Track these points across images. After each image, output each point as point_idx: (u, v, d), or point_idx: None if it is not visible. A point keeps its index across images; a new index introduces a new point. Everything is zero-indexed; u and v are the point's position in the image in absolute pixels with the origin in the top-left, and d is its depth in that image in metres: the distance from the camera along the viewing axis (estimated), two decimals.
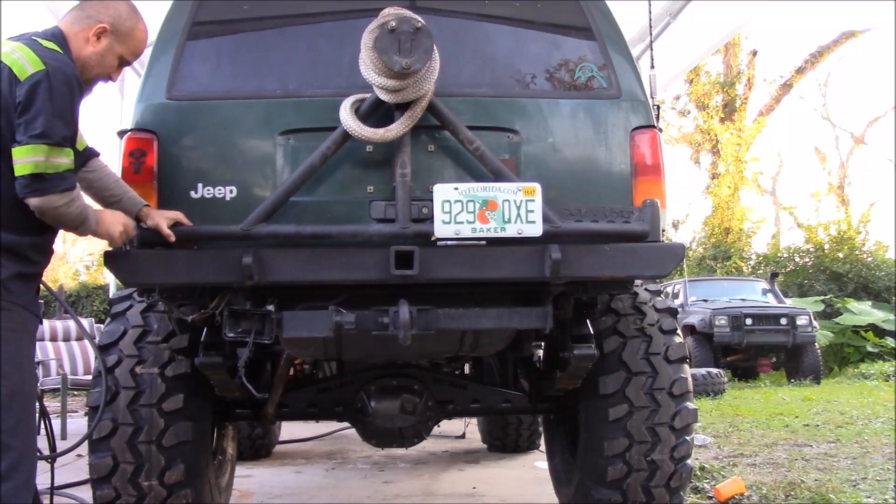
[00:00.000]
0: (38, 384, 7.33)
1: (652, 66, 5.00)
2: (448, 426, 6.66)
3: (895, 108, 28.19)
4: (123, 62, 2.65)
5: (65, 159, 2.41)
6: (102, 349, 3.24)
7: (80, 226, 2.52)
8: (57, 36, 2.53)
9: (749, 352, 12.96)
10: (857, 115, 47.30)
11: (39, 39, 2.48)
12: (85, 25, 2.57)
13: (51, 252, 2.59)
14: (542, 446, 5.20)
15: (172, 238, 2.72)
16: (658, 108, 3.74)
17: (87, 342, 8.45)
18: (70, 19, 2.59)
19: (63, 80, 2.40)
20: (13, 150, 2.36)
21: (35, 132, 2.34)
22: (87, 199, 2.87)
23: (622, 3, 4.11)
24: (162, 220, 2.73)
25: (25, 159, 2.35)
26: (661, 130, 3.17)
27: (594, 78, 3.09)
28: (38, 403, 2.65)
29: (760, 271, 18.71)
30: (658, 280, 3.70)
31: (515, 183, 2.75)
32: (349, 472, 5.66)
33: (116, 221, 2.63)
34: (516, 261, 2.77)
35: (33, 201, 2.39)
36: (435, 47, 2.70)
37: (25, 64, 2.37)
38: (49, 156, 2.36)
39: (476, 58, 3.11)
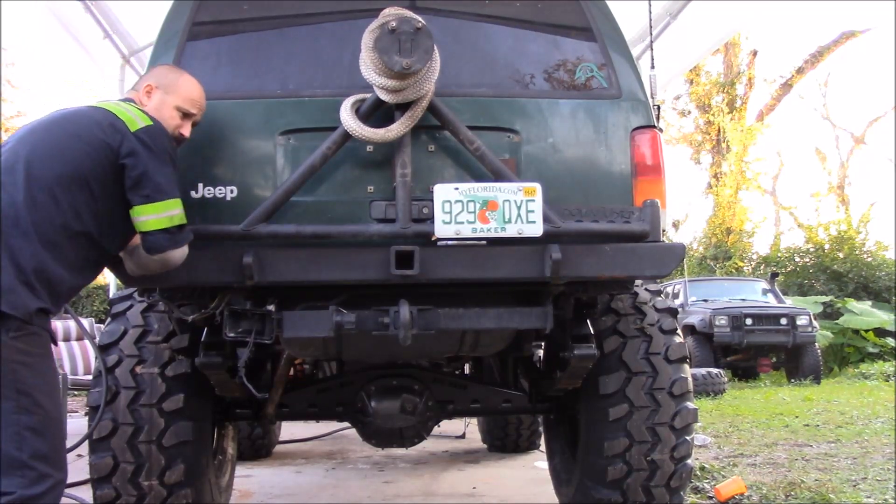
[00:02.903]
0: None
1: (652, 66, 4.99)
2: (448, 426, 6.66)
3: (895, 108, 28.16)
4: (185, 114, 2.72)
5: (182, 210, 2.58)
6: (102, 349, 3.24)
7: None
8: (131, 102, 2.71)
9: (749, 352, 12.96)
10: (857, 115, 47.26)
11: (131, 105, 2.66)
12: (138, 89, 2.76)
13: (69, 300, 2.65)
14: (542, 446, 5.20)
15: None
16: (658, 108, 3.73)
17: (87, 342, 8.45)
18: (131, 90, 2.81)
19: (168, 137, 2.61)
20: (146, 205, 2.48)
21: (167, 187, 2.51)
22: None
23: (622, 3, 4.10)
24: None
25: (166, 213, 2.50)
26: (661, 130, 3.17)
27: (594, 78, 3.09)
28: None
29: (760, 271, 18.72)
30: (658, 280, 3.70)
31: (516, 183, 2.75)
32: (349, 472, 5.66)
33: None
34: (516, 261, 2.77)
35: (175, 253, 2.56)
36: (435, 47, 2.70)
37: (134, 117, 2.54)
38: (182, 208, 2.56)
39: (476, 58, 3.10)
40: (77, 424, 7.59)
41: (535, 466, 5.68)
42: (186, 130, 2.75)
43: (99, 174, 2.47)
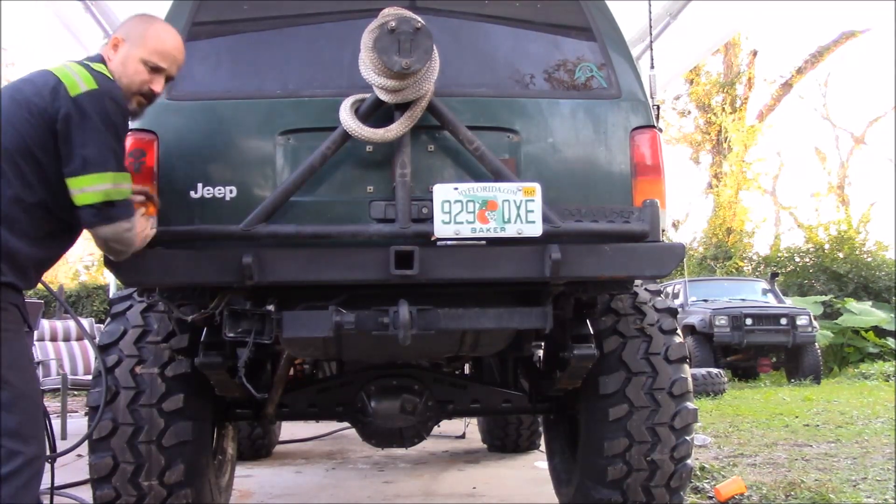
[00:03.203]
0: (39, 384, 7.37)
1: (652, 66, 4.99)
2: (448, 426, 6.66)
3: (895, 108, 28.17)
4: (154, 68, 2.57)
5: (127, 185, 2.45)
6: (102, 349, 3.24)
7: (132, 250, 2.55)
8: (100, 59, 2.57)
9: (749, 352, 12.97)
10: (857, 115, 47.28)
11: (90, 63, 2.51)
12: (107, 44, 2.62)
13: (42, 275, 2.56)
14: (542, 446, 5.20)
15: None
16: (658, 108, 3.73)
17: (87, 342, 8.45)
18: (104, 45, 2.66)
19: (114, 103, 2.42)
20: (74, 178, 2.36)
21: (98, 159, 2.36)
22: None
23: (622, 3, 4.10)
24: None
25: (93, 188, 2.36)
26: (661, 130, 3.17)
27: (594, 78, 3.09)
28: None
29: (760, 271, 18.71)
30: (658, 280, 3.70)
31: (515, 183, 2.75)
32: (349, 472, 5.66)
33: (144, 229, 2.62)
34: (516, 261, 2.77)
35: (105, 230, 2.43)
36: (435, 47, 2.70)
37: (78, 80, 2.39)
38: (116, 182, 2.40)
39: (476, 58, 3.10)
40: (77, 424, 7.61)
41: (535, 466, 5.68)
42: (157, 86, 2.59)
43: (43, 143, 2.35)
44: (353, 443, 6.64)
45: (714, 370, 10.87)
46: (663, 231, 2.99)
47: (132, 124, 2.91)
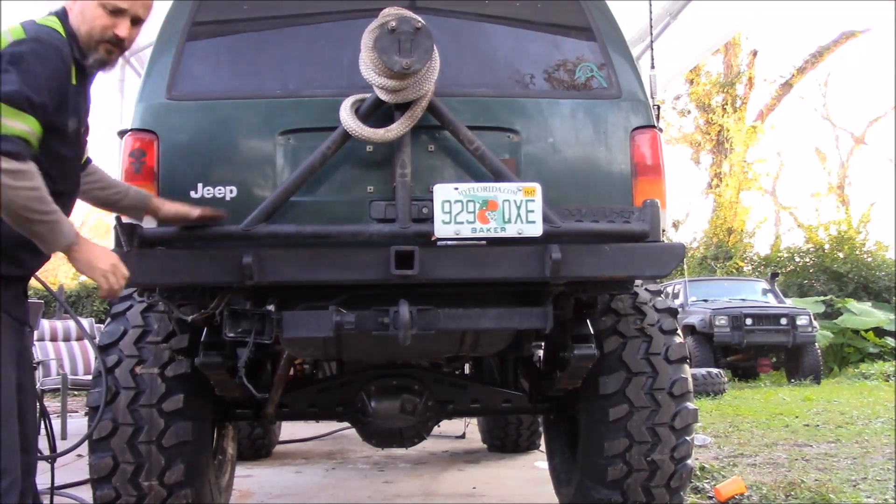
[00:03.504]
0: (39, 384, 7.37)
1: (652, 66, 5.00)
2: (448, 426, 6.66)
3: (895, 108, 28.17)
4: (114, 11, 2.34)
5: (20, 124, 2.09)
6: (102, 349, 3.24)
7: (39, 220, 2.13)
8: (59, 12, 2.39)
9: (749, 352, 12.97)
10: (857, 115, 47.27)
11: (38, 18, 2.34)
12: None
13: (43, 255, 2.38)
14: (542, 446, 5.20)
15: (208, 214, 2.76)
16: (658, 108, 3.74)
17: (87, 342, 8.45)
18: None
19: (42, 50, 2.19)
20: None
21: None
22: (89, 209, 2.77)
23: (622, 3, 4.10)
24: (185, 207, 2.74)
25: None
26: (661, 130, 3.17)
27: (594, 78, 3.09)
28: (38, 403, 2.58)
29: (760, 271, 18.72)
30: (658, 280, 3.70)
31: (515, 183, 2.75)
32: (349, 472, 5.66)
33: (105, 257, 2.32)
34: (516, 261, 2.77)
35: None
36: (435, 47, 2.70)
37: (7, 37, 2.22)
38: (8, 117, 2.06)
39: (476, 58, 3.10)
40: (77, 424, 7.61)
41: (535, 466, 5.68)
42: (122, 30, 2.35)
43: None
44: (353, 443, 6.63)
45: (714, 370, 10.88)
46: (663, 231, 2.99)
47: (133, 123, 2.91)
